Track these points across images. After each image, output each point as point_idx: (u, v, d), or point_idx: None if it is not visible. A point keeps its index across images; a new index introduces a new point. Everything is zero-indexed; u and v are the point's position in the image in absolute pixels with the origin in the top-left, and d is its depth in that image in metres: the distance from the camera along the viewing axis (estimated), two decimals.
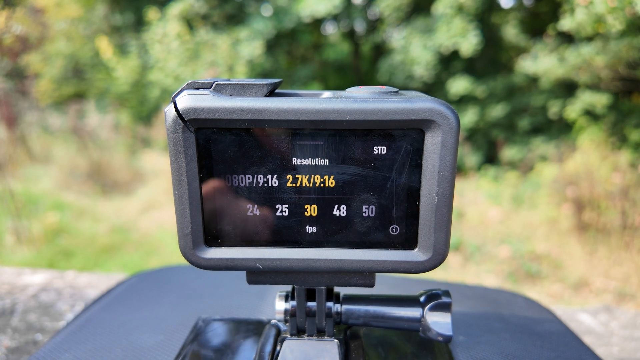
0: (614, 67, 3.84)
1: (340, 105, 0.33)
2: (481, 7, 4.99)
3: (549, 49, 4.46)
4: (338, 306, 0.45)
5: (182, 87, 0.36)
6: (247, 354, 0.47)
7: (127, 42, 6.60)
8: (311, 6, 5.51)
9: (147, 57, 6.06)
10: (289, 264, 0.38)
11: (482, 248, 3.38)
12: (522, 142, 5.06)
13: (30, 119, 6.30)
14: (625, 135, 4.35)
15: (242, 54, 5.52)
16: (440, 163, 0.35)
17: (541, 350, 0.54)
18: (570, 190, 3.57)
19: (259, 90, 0.35)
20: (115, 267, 3.11)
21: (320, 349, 0.44)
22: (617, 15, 2.99)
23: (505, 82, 5.30)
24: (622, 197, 3.37)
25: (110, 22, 7.01)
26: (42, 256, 3.20)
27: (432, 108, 0.33)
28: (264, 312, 0.62)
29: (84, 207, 4.26)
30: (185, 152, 0.35)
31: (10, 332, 0.65)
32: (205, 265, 0.38)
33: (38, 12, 6.77)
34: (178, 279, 0.73)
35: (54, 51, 6.83)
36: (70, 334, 0.57)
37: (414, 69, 5.29)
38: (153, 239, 3.66)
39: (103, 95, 6.90)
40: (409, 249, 0.38)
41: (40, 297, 0.76)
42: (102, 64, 6.36)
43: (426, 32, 5.26)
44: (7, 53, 6.07)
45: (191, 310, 0.62)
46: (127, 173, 5.06)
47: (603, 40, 3.73)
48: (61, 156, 5.30)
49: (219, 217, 0.38)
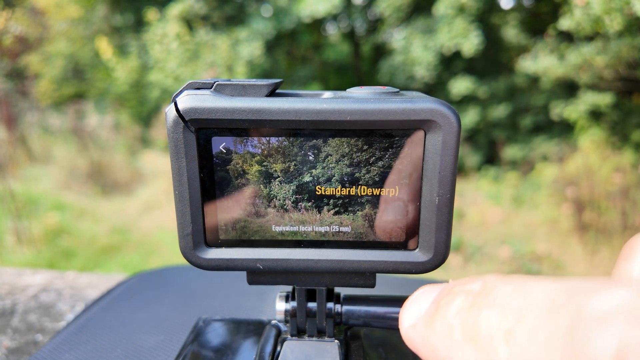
0: (614, 67, 3.84)
1: (341, 105, 0.33)
2: (482, 7, 5.00)
3: (550, 48, 4.46)
4: (338, 307, 0.45)
5: (183, 87, 0.35)
6: (248, 354, 0.47)
7: (127, 43, 6.60)
8: (311, 6, 5.51)
9: (147, 57, 6.06)
10: (290, 264, 0.38)
11: (483, 248, 3.39)
12: (523, 142, 5.07)
13: (31, 119, 6.30)
14: (626, 135, 4.35)
15: (241, 55, 5.53)
16: (441, 163, 0.35)
17: None
18: (571, 190, 3.57)
19: (260, 90, 0.35)
20: (116, 267, 3.12)
21: (320, 349, 0.44)
22: (615, 16, 2.99)
23: (506, 82, 5.31)
24: (622, 197, 3.37)
25: (110, 22, 7.02)
26: (42, 256, 3.20)
27: (433, 108, 0.33)
28: (265, 313, 0.62)
29: (84, 208, 4.27)
30: (185, 152, 0.35)
31: (10, 332, 0.65)
32: (206, 266, 0.38)
33: (38, 12, 6.78)
34: (178, 279, 0.73)
35: (54, 52, 6.84)
36: (71, 335, 0.57)
37: (415, 70, 5.30)
38: (153, 239, 3.66)
39: (103, 95, 6.91)
40: (409, 249, 0.38)
41: (41, 298, 0.76)
42: (102, 64, 6.36)
43: (427, 32, 5.26)
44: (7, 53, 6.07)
45: (191, 311, 0.62)
46: (127, 173, 5.06)
47: (603, 40, 3.73)
48: (61, 156, 5.31)
49: (220, 218, 0.38)
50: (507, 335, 0.18)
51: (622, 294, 0.16)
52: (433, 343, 0.22)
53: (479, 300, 0.20)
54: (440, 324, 0.21)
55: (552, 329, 0.16)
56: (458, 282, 0.23)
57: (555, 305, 0.17)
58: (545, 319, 0.17)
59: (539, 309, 0.17)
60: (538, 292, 0.18)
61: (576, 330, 0.15)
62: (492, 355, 0.18)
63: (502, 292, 0.19)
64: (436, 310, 0.22)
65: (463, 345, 0.20)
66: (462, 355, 0.20)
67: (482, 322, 0.19)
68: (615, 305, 0.15)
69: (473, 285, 0.21)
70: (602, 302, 0.16)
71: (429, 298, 0.25)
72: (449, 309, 0.21)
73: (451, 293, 0.22)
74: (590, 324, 0.15)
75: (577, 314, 0.16)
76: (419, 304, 0.25)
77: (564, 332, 0.16)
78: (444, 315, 0.21)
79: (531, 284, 0.19)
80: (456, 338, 0.20)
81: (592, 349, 0.15)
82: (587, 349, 0.15)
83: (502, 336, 0.18)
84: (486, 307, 0.19)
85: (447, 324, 0.21)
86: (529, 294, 0.18)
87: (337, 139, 0.35)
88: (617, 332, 0.15)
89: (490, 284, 0.20)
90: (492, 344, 0.18)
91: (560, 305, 0.16)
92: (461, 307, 0.21)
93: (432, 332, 0.22)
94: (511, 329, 0.17)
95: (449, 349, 0.21)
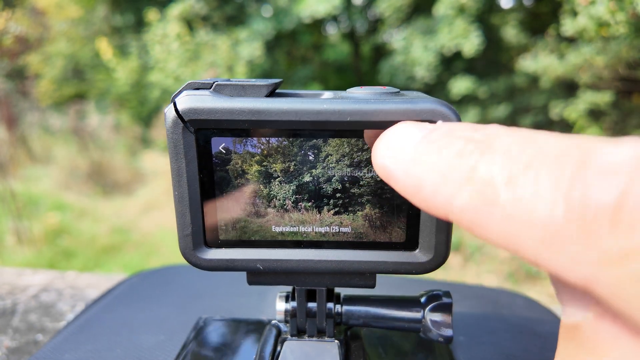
0: (614, 67, 3.84)
1: (342, 105, 0.33)
2: (481, 7, 4.99)
3: (550, 48, 4.46)
4: (338, 307, 0.45)
5: (182, 88, 0.35)
6: (248, 354, 0.47)
7: (128, 43, 6.60)
8: (311, 7, 5.50)
9: (147, 58, 6.06)
10: (290, 264, 0.38)
11: (483, 248, 3.38)
12: None
13: (31, 119, 6.30)
14: (626, 135, 4.34)
15: (242, 55, 5.52)
16: None
17: (541, 350, 0.54)
18: None
19: (260, 90, 0.35)
20: (116, 267, 3.12)
21: (320, 349, 0.44)
22: (620, 19, 2.98)
23: (506, 82, 5.30)
24: None
25: (110, 23, 7.02)
26: (42, 256, 3.20)
27: (434, 108, 0.33)
28: (265, 313, 0.62)
29: (84, 208, 4.27)
30: (185, 152, 0.35)
31: (10, 332, 0.65)
32: (206, 266, 0.38)
33: (38, 12, 6.78)
34: (178, 278, 0.73)
35: (54, 52, 6.84)
36: (71, 334, 0.57)
37: (415, 70, 5.29)
38: (153, 240, 3.66)
39: (103, 95, 6.91)
40: (409, 250, 0.38)
41: (41, 298, 0.76)
42: (102, 64, 6.36)
43: (427, 33, 5.26)
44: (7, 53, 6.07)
45: (192, 310, 0.62)
46: (127, 173, 5.06)
47: (603, 41, 3.73)
48: (62, 157, 5.31)
49: (220, 218, 0.38)
50: (510, 181, 0.17)
51: (628, 149, 0.16)
52: (419, 176, 0.21)
53: (482, 147, 0.19)
54: (434, 160, 0.20)
55: (557, 177, 0.16)
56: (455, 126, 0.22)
57: (562, 154, 0.17)
58: (551, 167, 0.17)
59: (545, 157, 0.17)
60: (545, 142, 0.18)
61: (580, 179, 0.16)
62: (491, 198, 0.18)
63: (507, 141, 0.19)
64: (429, 148, 0.21)
65: (459, 184, 0.19)
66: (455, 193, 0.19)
67: (484, 167, 0.18)
68: (620, 158, 0.15)
69: (475, 133, 0.21)
70: (607, 154, 0.16)
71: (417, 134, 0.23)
72: (447, 151, 0.20)
73: (449, 136, 0.21)
74: (595, 174, 0.15)
75: (583, 164, 0.16)
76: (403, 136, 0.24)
77: (569, 180, 0.16)
78: (440, 154, 0.20)
79: (538, 136, 0.18)
80: (452, 177, 0.19)
81: (594, 197, 0.15)
82: (588, 198, 0.15)
83: (504, 181, 0.17)
84: (489, 153, 0.19)
85: (443, 162, 0.20)
86: (536, 143, 0.18)
87: (337, 139, 0.35)
88: (619, 183, 0.15)
89: (494, 132, 0.20)
90: (492, 186, 0.18)
91: (567, 155, 0.16)
92: (461, 151, 0.20)
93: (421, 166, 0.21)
94: (515, 175, 0.17)
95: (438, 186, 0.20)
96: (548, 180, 0.16)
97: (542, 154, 0.17)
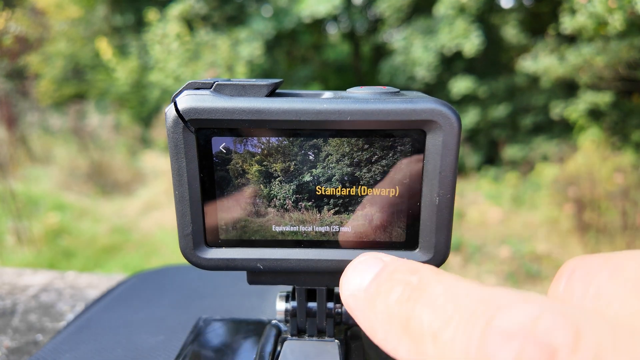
0: (614, 67, 3.84)
1: (342, 105, 0.33)
2: (482, 7, 4.99)
3: (550, 48, 4.46)
4: (339, 307, 0.45)
5: (182, 88, 0.35)
6: (248, 353, 0.47)
7: (127, 43, 6.60)
8: (311, 7, 5.51)
9: (147, 57, 6.06)
10: (290, 264, 0.38)
11: (483, 248, 3.39)
12: (523, 142, 5.07)
13: (31, 119, 6.30)
14: (626, 135, 4.35)
15: (242, 55, 5.52)
16: (442, 164, 0.34)
17: None
18: (571, 190, 3.57)
19: (260, 90, 0.35)
20: (116, 267, 3.12)
21: (320, 349, 0.44)
22: (618, 17, 2.98)
23: (506, 82, 5.30)
24: (623, 197, 3.37)
25: (110, 23, 7.02)
26: (42, 257, 3.20)
27: (434, 108, 0.33)
28: (265, 312, 0.62)
29: (84, 208, 4.27)
30: (185, 152, 0.35)
31: (10, 332, 0.65)
32: (206, 266, 0.38)
33: (38, 12, 6.78)
34: (178, 278, 0.73)
35: (54, 52, 6.84)
36: (71, 334, 0.57)
37: (416, 70, 5.29)
38: (153, 240, 3.66)
39: (103, 95, 6.91)
40: (409, 249, 0.38)
41: (41, 298, 0.76)
42: (102, 64, 6.36)
43: (427, 33, 5.26)
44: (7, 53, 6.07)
45: (192, 310, 0.62)
46: (127, 173, 5.07)
47: (603, 41, 3.73)
48: (62, 157, 5.31)
49: (220, 218, 0.38)
50: (435, 336, 0.19)
51: (526, 312, 0.17)
52: (373, 324, 0.23)
53: (415, 295, 0.21)
54: (380, 309, 0.22)
55: (467, 338, 0.18)
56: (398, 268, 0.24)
57: (473, 315, 0.18)
58: (464, 327, 0.18)
59: (460, 316, 0.18)
60: (463, 297, 0.19)
61: (484, 343, 0.17)
62: (423, 352, 0.19)
63: (435, 292, 0.21)
64: (377, 293, 0.23)
65: (399, 336, 0.21)
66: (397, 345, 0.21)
67: (416, 319, 0.20)
68: (518, 322, 0.17)
69: (412, 277, 0.22)
70: (507, 318, 0.17)
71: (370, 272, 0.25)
72: (389, 296, 0.22)
73: (392, 280, 0.23)
74: (495, 338, 0.17)
75: (487, 327, 0.17)
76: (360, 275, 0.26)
77: (476, 343, 0.17)
78: (384, 300, 0.22)
79: (459, 289, 0.20)
80: (394, 327, 0.21)
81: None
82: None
83: (431, 336, 0.19)
84: (420, 304, 0.20)
85: (387, 311, 0.22)
86: (456, 298, 0.20)
87: (338, 139, 0.35)
88: (515, 348, 0.16)
89: (426, 279, 0.22)
90: (423, 341, 0.19)
91: (477, 316, 0.18)
92: (400, 298, 0.22)
93: (372, 313, 0.23)
94: (438, 330, 0.19)
95: (386, 334, 0.22)
96: (462, 338, 0.18)
97: (460, 309, 0.19)
